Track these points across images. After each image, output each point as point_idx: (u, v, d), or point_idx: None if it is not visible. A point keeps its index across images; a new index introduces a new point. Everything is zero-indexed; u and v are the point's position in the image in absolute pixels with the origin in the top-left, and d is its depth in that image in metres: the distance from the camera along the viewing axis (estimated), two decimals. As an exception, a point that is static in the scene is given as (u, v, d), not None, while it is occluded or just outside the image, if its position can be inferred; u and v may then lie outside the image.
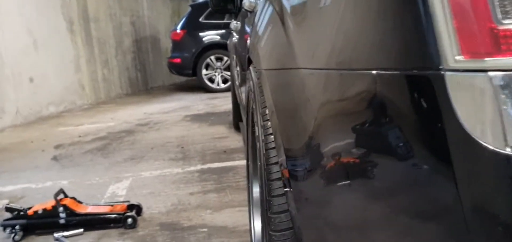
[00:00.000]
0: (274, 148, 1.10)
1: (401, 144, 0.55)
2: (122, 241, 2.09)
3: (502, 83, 0.45)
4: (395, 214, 0.59)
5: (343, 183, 0.72)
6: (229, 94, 4.70)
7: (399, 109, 0.56)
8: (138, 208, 2.34)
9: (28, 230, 2.21)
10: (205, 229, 2.12)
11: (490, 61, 0.46)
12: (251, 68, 1.51)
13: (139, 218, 2.29)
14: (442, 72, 0.47)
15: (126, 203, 2.34)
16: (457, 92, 0.47)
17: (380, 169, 0.61)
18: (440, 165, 0.49)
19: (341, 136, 0.71)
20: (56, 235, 2.16)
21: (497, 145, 0.45)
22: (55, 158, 3.81)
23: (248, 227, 1.78)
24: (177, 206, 2.44)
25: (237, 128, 4.17)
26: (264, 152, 1.14)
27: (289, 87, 0.97)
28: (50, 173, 3.38)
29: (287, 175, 0.98)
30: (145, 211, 2.39)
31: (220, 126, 4.61)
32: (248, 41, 1.67)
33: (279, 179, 1.07)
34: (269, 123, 1.15)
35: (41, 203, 2.32)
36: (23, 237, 2.18)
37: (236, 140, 3.85)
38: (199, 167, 3.16)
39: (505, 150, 0.44)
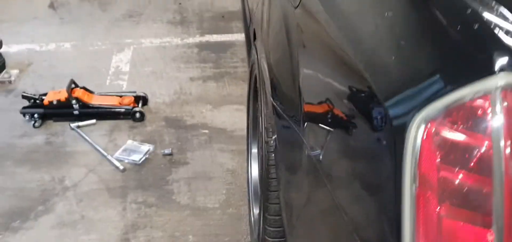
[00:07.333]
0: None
1: None
2: (132, 136, 2.35)
3: None
4: None
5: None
6: None
7: None
8: (144, 99, 2.56)
9: (45, 117, 2.45)
10: (206, 131, 2.38)
11: None
12: (256, 43, 1.60)
13: (145, 108, 2.53)
14: None
15: (133, 95, 2.54)
16: None
17: None
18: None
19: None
20: (72, 125, 2.40)
21: None
22: (52, 6, 3.82)
23: (245, 132, 1.97)
24: (179, 96, 2.66)
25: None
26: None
27: None
28: (50, 29, 3.46)
29: None
30: (150, 99, 2.61)
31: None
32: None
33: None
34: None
35: (54, 92, 2.50)
36: (41, 124, 2.43)
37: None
38: (197, 39, 3.28)
39: None
